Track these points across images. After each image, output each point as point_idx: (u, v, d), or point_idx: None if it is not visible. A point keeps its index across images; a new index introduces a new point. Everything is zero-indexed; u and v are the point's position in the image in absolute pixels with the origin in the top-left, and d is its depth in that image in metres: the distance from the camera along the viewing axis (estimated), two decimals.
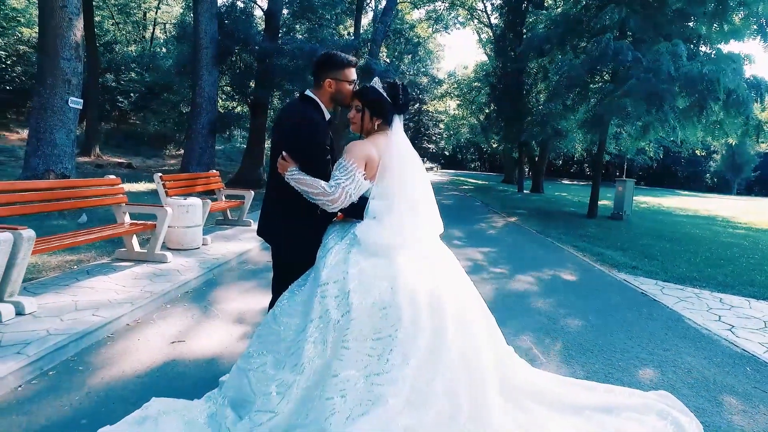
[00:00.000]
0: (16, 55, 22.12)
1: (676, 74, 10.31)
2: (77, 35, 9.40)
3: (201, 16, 13.88)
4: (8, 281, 3.48)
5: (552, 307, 4.51)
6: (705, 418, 2.58)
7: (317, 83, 2.34)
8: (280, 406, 2.00)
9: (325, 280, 2.07)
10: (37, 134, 9.36)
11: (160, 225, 5.41)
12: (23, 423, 2.27)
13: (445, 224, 2.48)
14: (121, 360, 3.01)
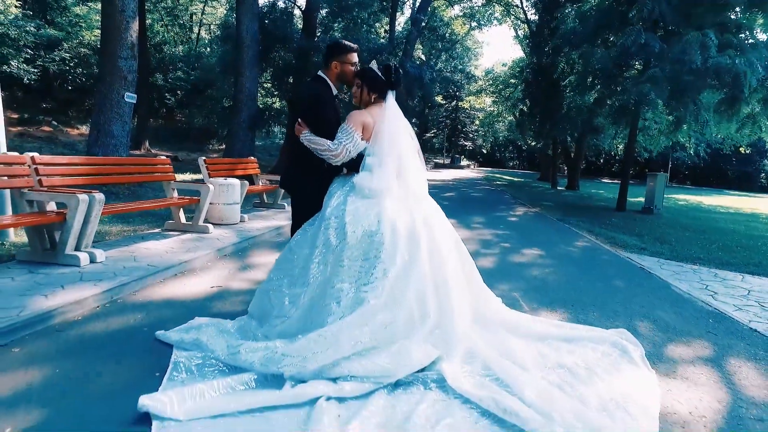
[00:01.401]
0: (78, 57, 23.93)
1: (703, 66, 10.21)
2: (133, 36, 10.40)
3: (243, 17, 14.79)
4: (84, 235, 4.25)
5: (546, 273, 4.94)
6: (652, 349, 2.99)
7: (326, 65, 2.95)
8: (291, 312, 2.60)
9: (328, 216, 2.67)
10: (98, 126, 10.44)
11: (203, 199, 6.17)
12: (103, 328, 2.97)
13: (468, 212, 3.05)
14: (171, 296, 3.70)
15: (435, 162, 55.40)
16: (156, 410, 1.96)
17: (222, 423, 1.96)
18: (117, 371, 2.39)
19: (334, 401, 2.14)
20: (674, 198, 23.08)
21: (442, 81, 29.38)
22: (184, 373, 2.36)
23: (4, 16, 19.19)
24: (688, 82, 9.95)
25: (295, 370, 2.28)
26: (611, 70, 13.01)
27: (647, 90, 10.83)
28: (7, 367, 2.37)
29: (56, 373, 2.34)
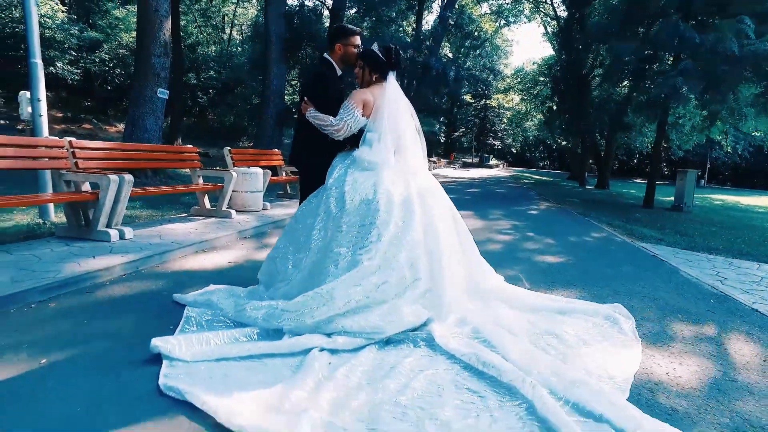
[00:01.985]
0: (117, 58, 25.00)
1: (740, 53, 9.68)
2: (166, 35, 10.88)
3: (270, 16, 15.20)
4: (114, 213, 4.58)
5: (554, 258, 4.99)
6: (644, 322, 3.04)
7: (331, 47, 3.14)
8: (294, 275, 2.80)
9: (330, 187, 2.86)
10: (132, 121, 10.98)
11: (227, 186, 6.48)
12: (127, 291, 3.24)
13: (488, 206, 3.19)
14: (191, 268, 3.97)
15: (463, 161, 55.09)
16: (166, 351, 2.18)
17: (223, 365, 2.17)
18: (137, 325, 2.64)
19: (326, 352, 2.32)
20: (710, 198, 22.36)
21: (469, 78, 29.21)
22: (195, 327, 2.59)
23: (51, 20, 20.25)
24: (724, 73, 9.55)
25: (294, 325, 2.47)
26: (640, 64, 12.75)
27: (680, 83, 10.50)
28: (43, 319, 2.66)
29: (84, 324, 2.61)
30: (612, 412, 1.82)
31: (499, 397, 2.00)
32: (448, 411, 1.87)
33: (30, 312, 2.76)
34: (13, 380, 1.96)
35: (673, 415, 1.94)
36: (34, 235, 4.52)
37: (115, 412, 1.77)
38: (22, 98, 5.11)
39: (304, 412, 1.78)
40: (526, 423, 1.81)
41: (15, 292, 2.88)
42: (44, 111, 5.14)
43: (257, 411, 1.77)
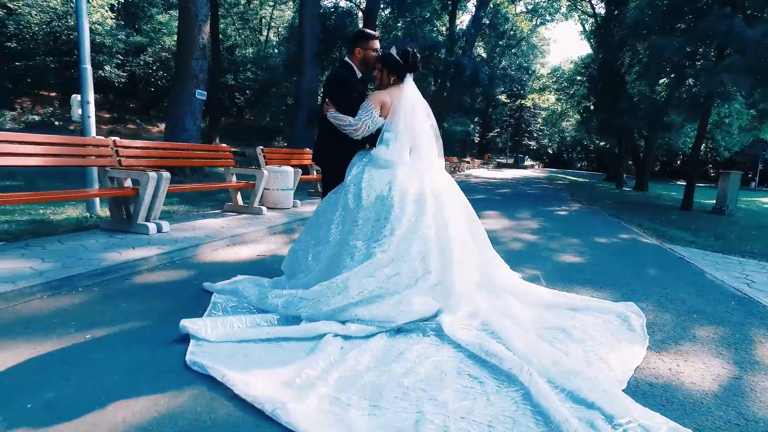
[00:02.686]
0: (160, 61, 26.10)
1: None
2: (204, 38, 11.34)
3: (305, 18, 15.55)
4: (153, 208, 4.90)
5: (576, 257, 4.99)
6: (656, 320, 3.05)
7: (351, 51, 3.30)
8: (313, 266, 2.98)
9: (348, 184, 3.03)
10: (172, 121, 11.50)
11: (258, 183, 6.77)
12: (161, 279, 3.51)
13: (517, 206, 3.30)
14: (221, 259, 4.22)
15: (498, 161, 54.46)
16: (193, 331, 2.39)
17: (244, 346, 2.36)
18: (169, 309, 2.87)
19: (340, 338, 2.48)
20: (759, 201, 21.40)
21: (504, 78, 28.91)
22: (221, 311, 2.81)
23: (101, 27, 21.35)
24: None
25: (310, 312, 2.64)
26: (681, 61, 12.34)
27: (726, 80, 10.06)
28: (89, 300, 2.94)
29: (123, 306, 2.87)
30: (604, 399, 1.90)
31: (498, 383, 2.11)
32: (447, 393, 1.99)
33: (77, 294, 3.05)
34: (64, 350, 2.22)
35: (667, 406, 1.99)
36: (82, 228, 4.89)
37: (147, 380, 1.98)
38: (74, 101, 5.52)
39: (313, 387, 1.94)
40: (520, 407, 1.91)
41: (65, 277, 3.18)
42: (92, 112, 5.53)
43: (271, 385, 1.95)
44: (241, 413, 1.78)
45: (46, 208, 5.81)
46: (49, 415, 1.71)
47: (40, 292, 2.98)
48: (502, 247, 5.49)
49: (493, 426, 1.77)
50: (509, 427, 1.77)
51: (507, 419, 1.82)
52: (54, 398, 1.82)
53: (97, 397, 1.83)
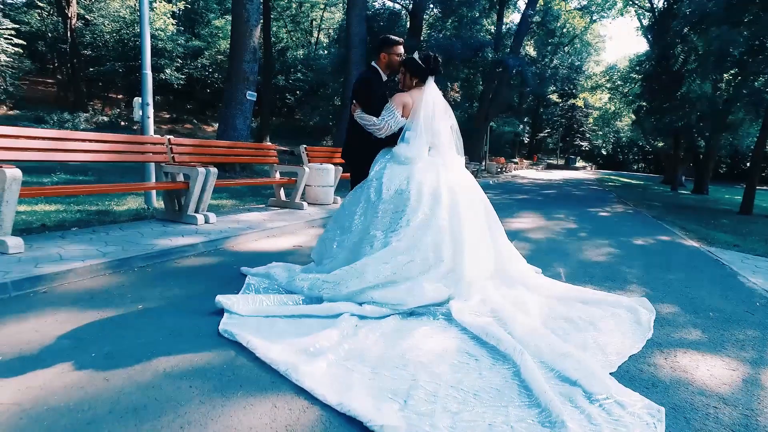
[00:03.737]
0: (215, 64, 27.44)
1: None
2: (255, 42, 11.93)
3: (352, 20, 15.96)
4: (201, 200, 5.36)
5: (603, 256, 5.00)
6: (668, 316, 3.08)
7: (377, 56, 3.55)
8: (338, 253, 3.26)
9: (371, 178, 3.28)
10: (224, 121, 12.19)
11: (300, 180, 7.16)
12: (205, 263, 3.91)
13: (558, 206, 3.51)
14: (259, 248, 4.60)
15: (548, 162, 53.16)
16: (227, 306, 2.73)
17: (270, 320, 2.67)
18: (209, 287, 3.23)
19: (356, 317, 2.73)
20: None
21: (552, 77, 28.24)
22: (253, 291, 3.14)
23: (163, 33, 22.74)
24: None
25: (331, 294, 2.92)
26: (746, 55, 11.73)
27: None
28: (142, 278, 3.36)
29: (171, 284, 3.26)
30: (587, 379, 2.05)
31: (493, 361, 2.29)
32: (443, 367, 2.20)
33: (133, 273, 3.48)
34: (120, 316, 2.62)
35: (651, 389, 2.11)
36: (141, 217, 5.43)
37: (185, 341, 2.32)
38: (135, 103, 6.10)
39: (323, 355, 2.21)
40: (508, 382, 2.10)
41: (124, 258, 3.62)
42: (151, 113, 6.09)
43: (287, 351, 2.23)
44: (259, 371, 2.08)
45: (111, 200, 6.45)
46: (107, 362, 2.07)
47: (103, 270, 3.43)
48: (530, 244, 5.58)
49: (479, 395, 1.97)
50: (493, 396, 1.96)
51: (493, 390, 2.02)
52: (111, 351, 2.19)
53: (144, 352, 2.18)
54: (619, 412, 1.85)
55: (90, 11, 23.04)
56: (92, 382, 1.91)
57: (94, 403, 1.77)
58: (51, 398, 1.79)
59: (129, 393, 1.84)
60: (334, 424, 1.72)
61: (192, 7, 29.08)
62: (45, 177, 8.15)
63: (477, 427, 1.72)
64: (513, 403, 1.92)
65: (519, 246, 5.37)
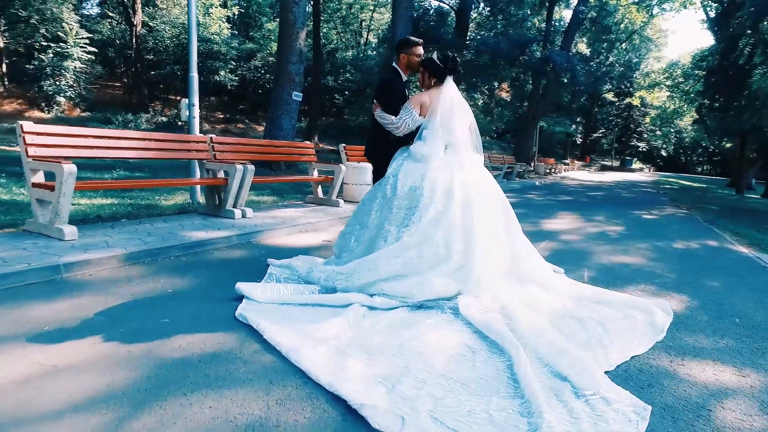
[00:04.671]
0: (267, 65, 28.40)
1: None
2: (301, 44, 12.32)
3: (398, 20, 16.08)
4: (239, 196, 5.67)
5: (633, 258, 4.84)
6: (690, 320, 2.98)
7: (397, 57, 3.66)
8: (355, 247, 3.40)
9: (388, 175, 3.40)
10: (271, 120, 12.66)
11: (336, 178, 7.38)
12: (236, 255, 4.17)
13: (600, 208, 3.57)
14: (290, 243, 4.82)
15: (601, 164, 51.16)
16: (245, 292, 2.93)
17: (284, 308, 2.84)
18: (235, 276, 3.45)
19: (365, 308, 2.86)
20: None
21: (607, 75, 27.15)
22: (274, 281, 3.33)
23: (219, 36, 23.81)
24: None
25: (345, 285, 3.06)
26: None
27: None
28: (176, 266, 3.65)
29: (201, 272, 3.53)
30: (577, 375, 2.07)
31: (489, 354, 2.35)
32: (439, 357, 2.28)
33: (169, 261, 3.78)
34: (151, 298, 2.88)
35: (646, 389, 2.10)
36: (184, 211, 5.80)
37: (203, 323, 2.53)
38: (183, 104, 6.52)
39: (326, 341, 2.35)
40: (499, 374, 2.15)
41: (162, 247, 3.93)
42: (197, 113, 6.49)
43: (293, 336, 2.39)
44: (264, 352, 2.25)
45: (161, 195, 6.92)
46: (133, 337, 2.31)
47: (143, 257, 3.75)
48: (561, 244, 5.49)
49: (466, 384, 2.04)
50: (480, 386, 2.03)
51: (482, 380, 2.08)
52: (138, 327, 2.43)
53: (166, 331, 2.41)
54: (603, 408, 1.86)
55: (153, 18, 24.51)
56: (116, 352, 2.15)
57: (114, 369, 1.99)
58: (81, 363, 2.03)
59: (145, 363, 2.06)
60: (321, 401, 1.85)
61: (246, 12, 30.26)
62: (106, 173, 8.82)
63: (456, 413, 1.80)
64: (498, 393, 1.98)
65: (549, 246, 5.34)
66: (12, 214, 4.81)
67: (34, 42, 19.74)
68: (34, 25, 19.69)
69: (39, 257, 3.34)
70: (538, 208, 9.34)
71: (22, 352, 2.11)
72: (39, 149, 4.05)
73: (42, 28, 19.68)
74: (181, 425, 1.64)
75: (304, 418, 1.72)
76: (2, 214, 4.83)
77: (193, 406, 1.76)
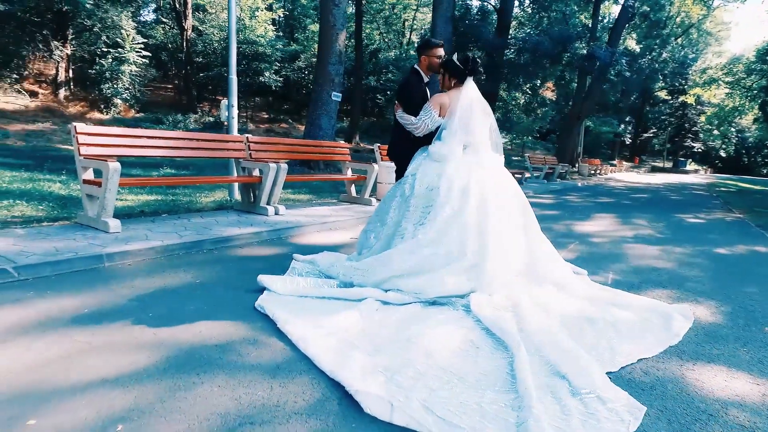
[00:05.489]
0: (310, 66, 28.98)
1: None
2: (340, 45, 12.54)
3: (437, 20, 16.10)
4: (272, 194, 5.90)
5: (665, 262, 4.68)
6: (714, 326, 2.88)
7: (418, 58, 3.74)
8: (374, 244, 3.51)
9: (407, 174, 3.49)
10: (311, 120, 12.96)
11: (369, 177, 7.53)
12: (266, 250, 4.37)
13: (642, 210, 3.59)
14: (318, 240, 4.99)
15: (652, 165, 48.99)
16: (267, 284, 3.09)
17: (302, 300, 2.99)
18: (260, 270, 3.63)
19: (379, 302, 2.96)
20: None
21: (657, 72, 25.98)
22: (296, 275, 3.49)
23: (264, 39, 24.54)
24: None
25: (361, 280, 3.18)
26: None
27: None
28: (207, 259, 3.89)
29: (229, 265, 3.74)
30: (575, 373, 2.09)
31: (492, 351, 2.40)
32: (444, 352, 2.35)
33: (201, 254, 4.02)
34: (180, 286, 3.11)
35: (647, 391, 2.08)
36: (222, 208, 6.10)
37: (224, 312, 2.72)
38: (222, 105, 6.84)
39: (335, 333, 2.47)
40: (498, 370, 2.20)
41: (196, 241, 4.19)
42: (235, 114, 6.79)
43: (304, 326, 2.52)
44: (276, 340, 2.40)
45: (200, 192, 7.28)
46: (159, 321, 2.52)
47: (177, 250, 4.00)
48: (591, 246, 5.39)
49: (464, 378, 2.10)
50: (478, 380, 2.09)
51: (480, 375, 2.14)
52: (164, 312, 2.64)
53: (190, 316, 2.61)
54: (596, 407, 1.88)
55: (203, 23, 25.55)
56: (143, 334, 2.35)
57: (140, 349, 2.19)
58: (112, 341, 2.25)
59: (167, 345, 2.25)
60: (321, 387, 1.97)
61: (291, 14, 31.00)
62: (153, 171, 9.35)
63: (449, 404, 1.87)
64: (494, 387, 2.03)
65: (577, 248, 5.25)
66: (68, 208, 5.23)
67: (96, 48, 21.05)
68: (97, 32, 20.98)
69: (85, 248, 3.65)
70: (574, 210, 9.14)
71: (64, 331, 2.35)
72: (89, 148, 4.40)
73: (103, 35, 20.95)
74: (191, 401, 1.80)
75: (303, 401, 1.85)
76: (60, 208, 5.27)
77: (204, 384, 1.92)
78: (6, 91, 19.41)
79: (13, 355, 2.08)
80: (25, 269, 3.17)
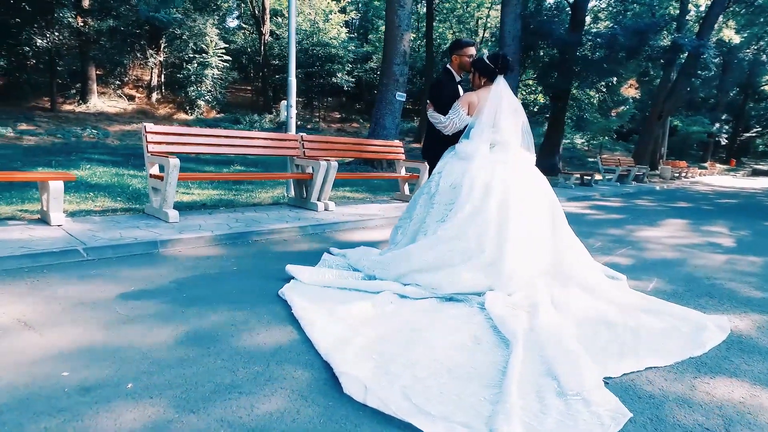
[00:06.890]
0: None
1: None
2: (405, 46, 12.68)
3: (506, 17, 15.72)
4: (323, 191, 6.17)
5: (729, 273, 4.30)
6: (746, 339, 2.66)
7: (450, 58, 3.78)
8: (400, 239, 3.62)
9: (435, 172, 3.57)
10: (375, 119, 13.23)
11: (422, 176, 7.60)
12: (307, 244, 4.62)
13: (722, 218, 3.62)
14: (360, 237, 5.17)
15: (753, 168, 44.22)
16: (294, 274, 3.31)
17: (325, 290, 3.16)
18: (295, 261, 3.85)
19: (396, 295, 3.06)
20: None
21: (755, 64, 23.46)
22: (325, 267, 3.68)
23: (337, 41, 25.32)
24: None
25: (382, 274, 3.30)
26: None
27: None
28: (249, 249, 4.20)
29: (268, 255, 4.01)
30: (567, 375, 2.06)
31: (492, 347, 2.41)
32: (443, 342, 2.41)
33: (245, 245, 4.34)
34: (217, 273, 3.42)
35: (643, 399, 2.00)
36: (277, 203, 6.48)
37: (251, 296, 2.97)
38: (282, 106, 7.24)
39: (344, 319, 2.61)
40: (492, 365, 2.22)
41: (242, 232, 4.52)
42: (293, 114, 7.16)
43: (318, 312, 2.68)
44: (286, 324, 2.59)
45: (261, 188, 7.75)
46: (190, 301, 2.82)
47: (225, 240, 4.35)
48: (644, 252, 5.09)
49: (454, 370, 2.15)
50: (467, 372, 2.13)
51: (471, 369, 2.17)
52: (198, 294, 2.94)
53: (217, 299, 2.88)
54: (579, 408, 1.86)
55: (280, 27, 26.85)
56: (173, 311, 2.64)
57: (167, 323, 2.48)
58: (145, 314, 2.56)
59: (192, 321, 2.51)
60: (315, 367, 2.12)
61: (364, 16, 31.66)
62: (225, 167, 10.06)
63: (429, 392, 1.94)
64: (480, 381, 2.06)
65: (627, 254, 4.99)
66: (140, 200, 5.83)
67: (185, 54, 22.89)
68: (185, 40, 22.81)
69: (144, 234, 4.10)
70: (640, 214, 8.58)
71: (110, 304, 2.71)
72: (156, 146, 4.90)
73: (191, 42, 22.73)
74: (196, 368, 2.03)
75: (293, 377, 2.01)
76: (134, 199, 5.89)
77: (211, 356, 2.14)
78: (110, 96, 21.70)
79: (68, 320, 2.43)
80: (93, 251, 3.63)
